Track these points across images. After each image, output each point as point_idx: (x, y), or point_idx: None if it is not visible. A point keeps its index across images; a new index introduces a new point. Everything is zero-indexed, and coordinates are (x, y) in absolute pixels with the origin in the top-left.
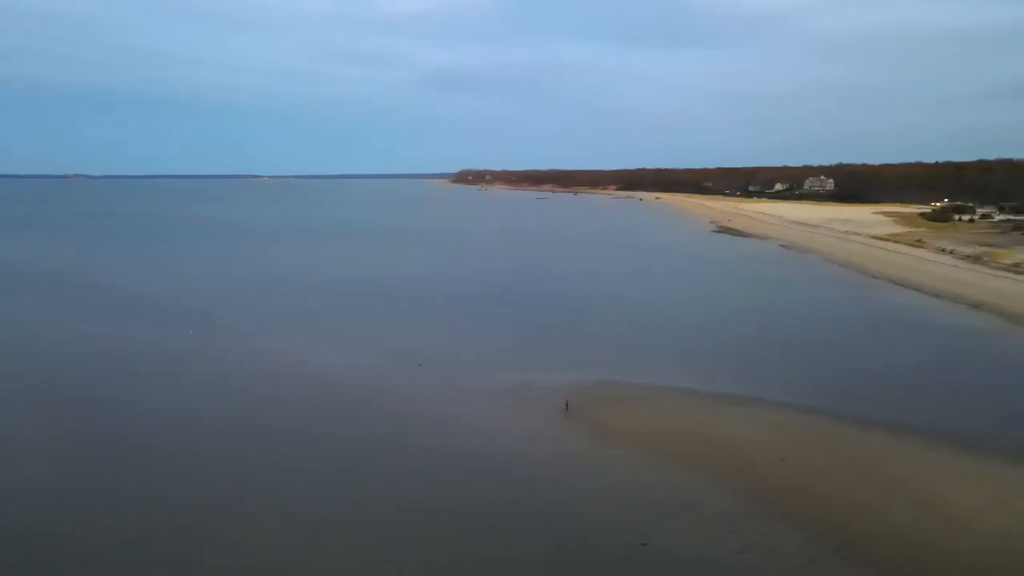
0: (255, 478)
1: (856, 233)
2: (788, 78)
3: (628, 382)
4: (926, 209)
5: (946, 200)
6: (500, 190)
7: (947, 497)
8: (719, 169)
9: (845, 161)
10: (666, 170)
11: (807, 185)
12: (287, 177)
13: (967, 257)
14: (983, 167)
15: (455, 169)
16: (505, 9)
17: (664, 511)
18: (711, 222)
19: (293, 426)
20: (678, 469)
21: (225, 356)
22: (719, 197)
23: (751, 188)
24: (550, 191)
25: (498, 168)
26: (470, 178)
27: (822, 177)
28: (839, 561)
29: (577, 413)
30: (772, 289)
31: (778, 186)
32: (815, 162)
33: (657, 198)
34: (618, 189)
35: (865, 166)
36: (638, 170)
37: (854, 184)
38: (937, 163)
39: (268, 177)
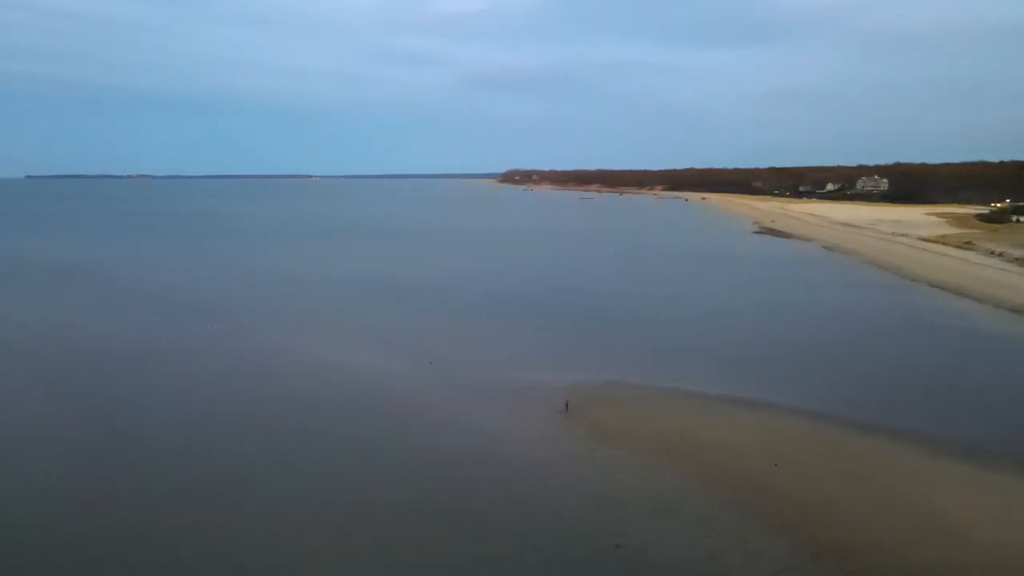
0: (250, 473)
1: (903, 235)
2: (842, 75)
3: (635, 383)
4: (984, 210)
5: (1008, 201)
6: (545, 190)
7: (943, 507)
8: (769, 169)
9: (902, 160)
10: (714, 170)
11: (859, 185)
12: (337, 177)
13: (1016, 260)
14: None
15: (503, 169)
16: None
17: (646, 513)
18: (754, 223)
19: (294, 423)
20: (669, 472)
21: (243, 351)
22: (767, 198)
23: (801, 188)
24: (595, 191)
25: (545, 168)
26: (517, 178)
27: (875, 177)
28: (814, 569)
29: (577, 413)
30: (801, 291)
31: (829, 186)
32: (870, 161)
33: (703, 198)
34: (664, 189)
35: (923, 165)
36: (685, 170)
37: (909, 184)
38: (1001, 162)
39: (319, 177)
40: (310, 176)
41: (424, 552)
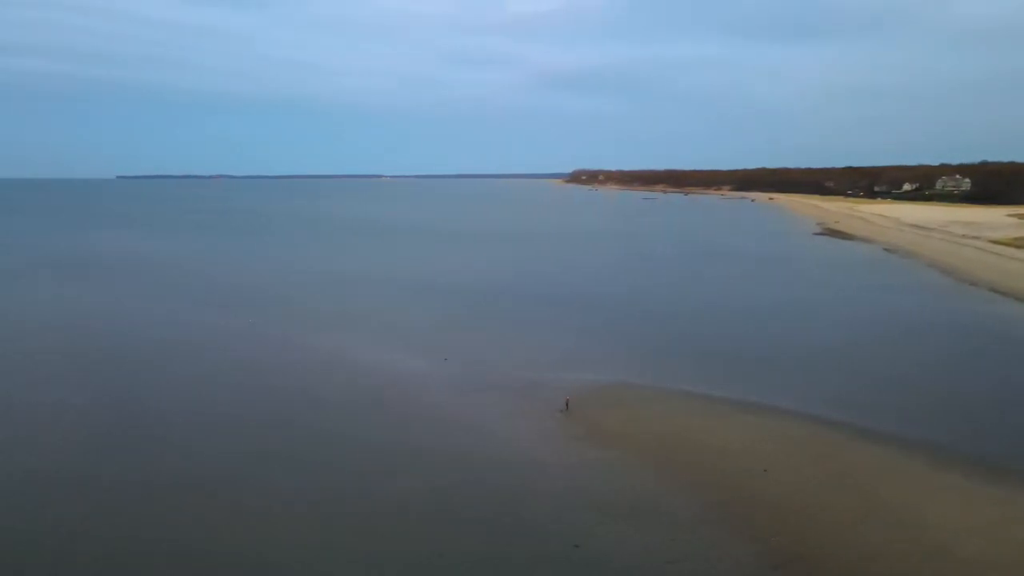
0: (246, 466)
1: (975, 237)
2: (925, 71)
3: (645, 384)
4: None
5: None
6: (610, 190)
7: (930, 519)
8: (843, 168)
9: (989, 159)
10: (784, 169)
11: (939, 185)
12: (407, 177)
13: None
14: None
15: (570, 169)
16: (626, 6)
17: (617, 514)
18: (817, 223)
19: (296, 416)
20: (654, 473)
21: (268, 344)
22: (838, 198)
23: (876, 188)
24: (661, 191)
25: (612, 168)
26: (583, 178)
27: (957, 176)
28: None
29: (577, 413)
30: (843, 293)
31: (906, 186)
32: (953, 160)
33: (770, 199)
34: (732, 189)
35: (1012, 164)
36: (756, 170)
37: (996, 184)
38: None
39: (390, 177)
40: (380, 176)
41: (379, 543)
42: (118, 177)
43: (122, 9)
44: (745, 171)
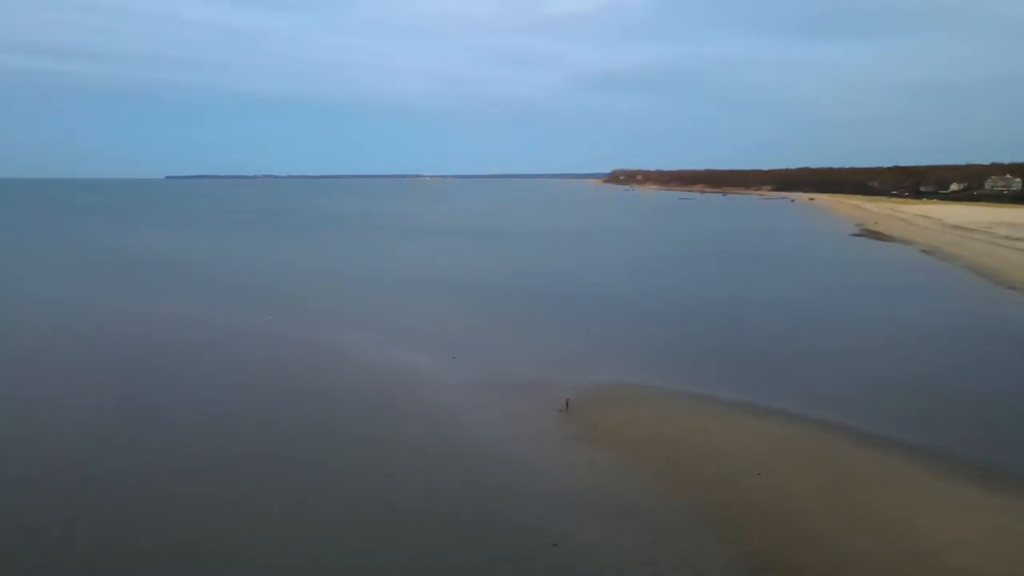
0: (241, 461)
1: (1019, 238)
2: (979, 67)
3: (648, 384)
4: None
5: None
6: (648, 190)
7: (922, 528)
8: (889, 168)
9: None
10: (828, 169)
11: (988, 185)
12: (447, 177)
13: None
14: None
15: (609, 169)
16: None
17: (599, 515)
18: (856, 224)
19: (294, 413)
20: (643, 475)
21: (278, 341)
22: (882, 198)
23: (922, 189)
24: (699, 191)
25: (651, 168)
26: (622, 178)
27: (1007, 176)
28: None
29: (576, 412)
30: (870, 295)
31: (953, 186)
32: (1005, 159)
33: (810, 199)
34: (772, 190)
35: None
36: (798, 170)
37: None
38: None
39: (430, 177)
40: (420, 176)
41: (353, 539)
42: (167, 177)
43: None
44: (786, 171)
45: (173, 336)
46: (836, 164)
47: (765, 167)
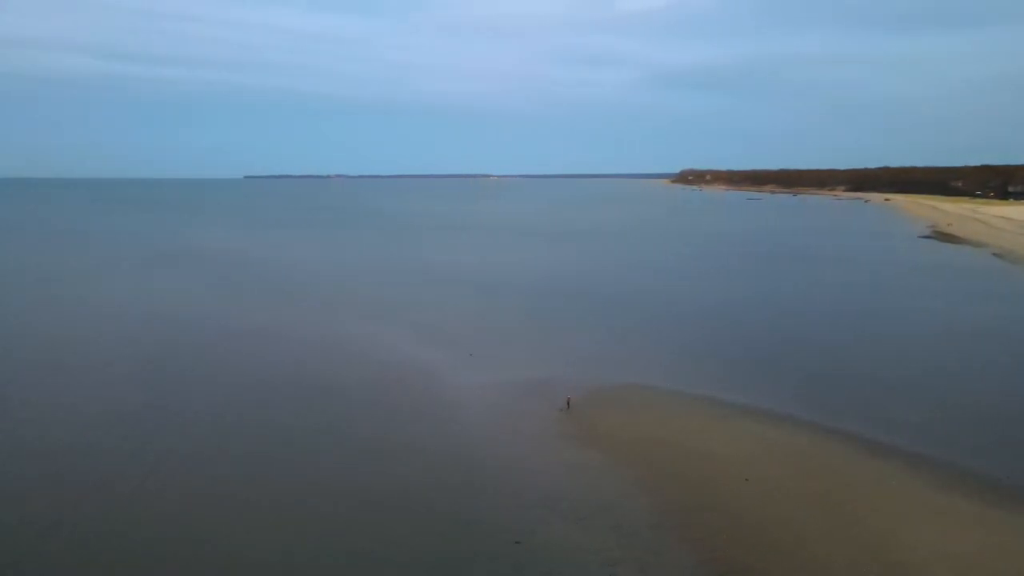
0: (240, 452)
1: None
2: None
3: (657, 386)
4: None
5: None
6: (717, 190)
7: (904, 541)
8: (974, 167)
9: None
10: (906, 168)
11: None
12: (514, 176)
13: None
14: None
15: (678, 168)
16: (738, 1)
17: (573, 515)
18: (928, 226)
19: (301, 406)
20: (628, 476)
21: (301, 335)
22: (963, 199)
23: (1010, 188)
24: (770, 192)
25: (721, 168)
26: (690, 178)
27: None
28: None
29: (577, 412)
30: (918, 301)
31: None
32: None
33: (886, 199)
34: (846, 190)
35: None
36: (874, 169)
37: None
38: None
39: (497, 176)
40: (488, 175)
41: (324, 531)
42: (245, 177)
43: (248, 20)
44: (863, 170)
45: (204, 328)
46: (917, 163)
47: (841, 167)
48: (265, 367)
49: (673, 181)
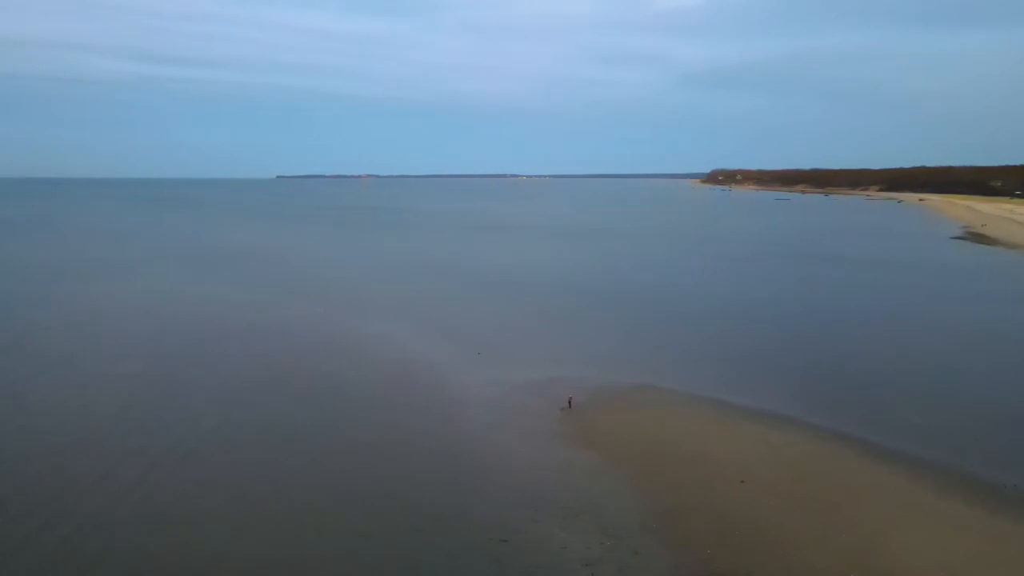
0: (240, 442)
1: None
2: None
3: (662, 386)
4: None
5: None
6: (746, 190)
7: (895, 548)
8: (1016, 167)
9: None
10: (945, 168)
11: None
12: (543, 176)
13: None
14: None
15: (709, 168)
16: None
17: (560, 514)
18: (962, 227)
19: (305, 399)
20: (620, 477)
21: (321, 331)
22: (1002, 199)
23: None
24: (800, 192)
25: (752, 167)
26: (720, 178)
27: None
28: None
29: (578, 412)
30: (938, 303)
31: None
32: None
33: (920, 200)
34: (880, 190)
35: None
36: (912, 169)
37: None
38: None
39: (526, 176)
40: (518, 176)
41: (309, 525)
42: (277, 177)
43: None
44: (898, 170)
45: (224, 322)
46: (955, 163)
47: (876, 166)
48: (272, 363)
49: (703, 181)
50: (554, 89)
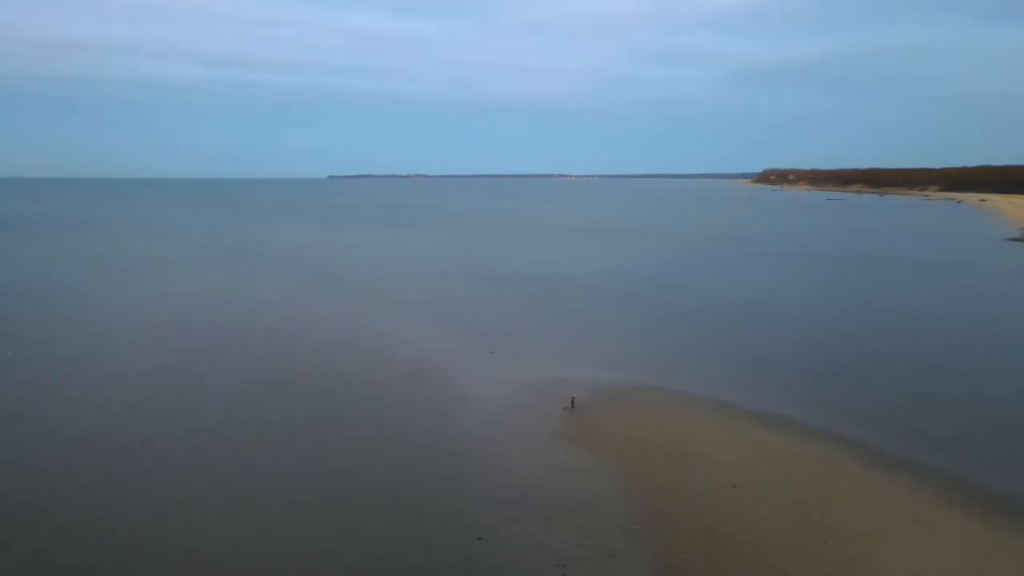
0: (237, 433)
1: None
2: None
3: (668, 387)
4: None
5: None
6: (800, 190)
7: (880, 559)
8: None
9: None
10: (1008, 167)
11: None
12: (592, 176)
13: None
14: None
15: (761, 168)
16: None
17: (542, 514)
18: (1021, 228)
19: (312, 401)
20: (611, 478)
21: (335, 326)
22: None
23: None
24: (855, 192)
25: (806, 167)
26: (772, 178)
27: None
28: None
29: (581, 412)
30: (968, 304)
31: None
32: None
33: (981, 200)
34: (940, 190)
35: None
36: (975, 168)
37: None
38: None
39: (574, 176)
40: (566, 175)
41: (291, 523)
42: (329, 177)
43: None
44: (959, 169)
45: (248, 319)
46: (1020, 162)
47: (936, 165)
48: (286, 361)
49: (754, 181)
50: (603, 88)
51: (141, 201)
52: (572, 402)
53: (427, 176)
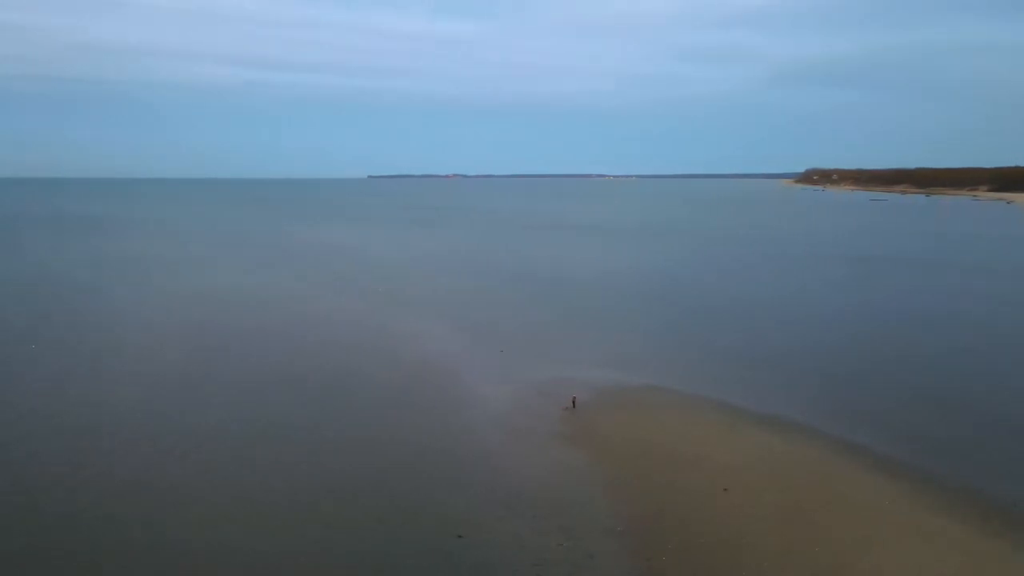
0: (237, 429)
1: None
2: None
3: (672, 388)
4: None
5: None
6: (842, 190)
7: (867, 566)
8: None
9: None
10: None
11: None
12: (630, 176)
13: None
14: None
15: (803, 168)
16: None
17: (527, 513)
18: None
19: (316, 399)
20: (603, 479)
21: (351, 325)
22: None
23: None
24: (900, 192)
25: (850, 167)
26: (815, 178)
27: None
28: None
29: (582, 412)
30: (973, 304)
31: None
32: None
33: None
34: (989, 190)
35: None
36: None
37: None
38: None
39: (612, 176)
40: (604, 175)
41: (272, 516)
42: (369, 177)
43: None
44: (1011, 169)
45: (266, 317)
46: None
47: (987, 165)
48: (296, 359)
49: (796, 181)
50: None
51: (189, 203)
52: (573, 402)
53: (465, 176)
